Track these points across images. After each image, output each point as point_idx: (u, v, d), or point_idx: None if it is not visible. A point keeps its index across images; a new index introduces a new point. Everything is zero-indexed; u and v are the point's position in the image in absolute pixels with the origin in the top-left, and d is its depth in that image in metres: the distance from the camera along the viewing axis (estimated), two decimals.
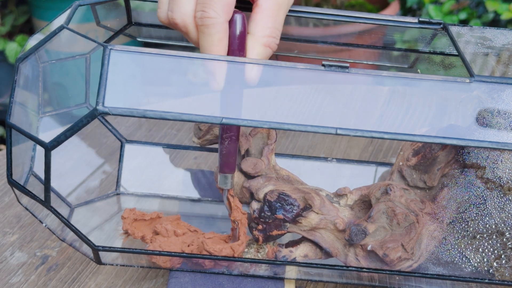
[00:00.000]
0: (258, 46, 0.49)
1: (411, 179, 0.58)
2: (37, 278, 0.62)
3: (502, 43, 0.57)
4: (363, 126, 0.47)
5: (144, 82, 0.49)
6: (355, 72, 0.48)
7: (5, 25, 1.83)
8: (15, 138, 0.52)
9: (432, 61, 0.63)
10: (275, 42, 0.50)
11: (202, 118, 0.47)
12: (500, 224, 0.55)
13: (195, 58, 0.48)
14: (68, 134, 0.47)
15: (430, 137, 0.47)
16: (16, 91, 0.53)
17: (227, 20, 0.49)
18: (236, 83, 0.49)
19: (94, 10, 0.59)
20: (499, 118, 0.49)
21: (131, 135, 0.83)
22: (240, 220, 0.57)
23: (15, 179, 0.53)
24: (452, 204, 0.56)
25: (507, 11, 1.50)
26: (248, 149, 0.59)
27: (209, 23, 0.48)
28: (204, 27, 0.48)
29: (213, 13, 0.47)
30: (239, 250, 0.56)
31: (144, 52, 0.47)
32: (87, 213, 0.67)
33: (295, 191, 0.56)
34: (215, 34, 0.48)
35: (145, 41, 0.67)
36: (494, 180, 0.54)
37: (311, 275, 0.59)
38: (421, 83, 0.49)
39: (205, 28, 0.48)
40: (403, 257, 0.54)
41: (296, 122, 0.47)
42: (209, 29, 0.48)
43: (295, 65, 0.48)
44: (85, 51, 0.63)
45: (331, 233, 0.56)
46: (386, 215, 0.54)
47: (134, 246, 0.62)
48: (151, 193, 0.71)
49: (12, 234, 0.67)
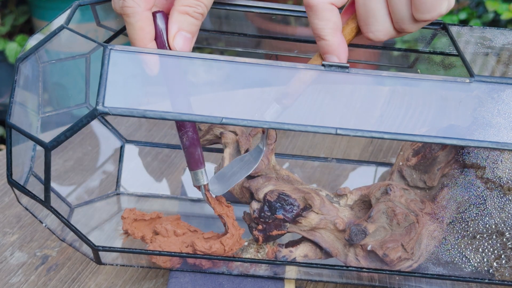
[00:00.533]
0: (176, 14, 0.50)
1: (411, 179, 0.58)
2: (37, 278, 0.62)
3: (502, 43, 0.57)
4: (363, 126, 0.47)
5: (144, 82, 0.49)
6: (355, 72, 0.48)
7: (5, 25, 1.83)
8: (15, 138, 0.52)
9: (432, 61, 0.63)
10: (195, 11, 0.50)
11: (202, 118, 0.47)
12: (500, 224, 0.54)
13: (195, 58, 0.49)
14: (68, 134, 0.47)
15: (430, 137, 0.47)
16: (16, 91, 0.53)
17: (148, 9, 0.50)
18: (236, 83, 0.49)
19: (94, 10, 0.59)
20: (499, 118, 0.49)
21: (131, 135, 0.83)
22: (226, 214, 0.56)
23: (15, 179, 0.53)
24: (452, 204, 0.56)
25: (507, 11, 1.50)
26: (248, 149, 0.59)
27: (128, 12, 0.49)
28: (125, 16, 0.49)
29: (132, 2, 0.49)
30: (229, 244, 0.56)
31: (144, 52, 0.48)
32: (87, 213, 0.67)
33: (295, 191, 0.56)
34: (135, 22, 0.49)
35: None
36: (494, 180, 0.54)
37: (311, 275, 0.59)
38: (421, 83, 0.49)
39: (126, 17, 0.49)
40: (403, 257, 0.54)
41: (296, 122, 0.47)
42: (129, 18, 0.49)
43: (295, 65, 0.48)
44: (85, 51, 0.63)
45: (331, 233, 0.56)
46: (386, 215, 0.54)
47: (134, 246, 0.62)
48: (151, 193, 0.71)
49: (12, 234, 0.67)
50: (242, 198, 0.59)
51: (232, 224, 0.56)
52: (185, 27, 0.50)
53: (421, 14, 0.49)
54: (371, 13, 0.50)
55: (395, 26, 0.51)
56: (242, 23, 0.66)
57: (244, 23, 0.67)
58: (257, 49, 0.68)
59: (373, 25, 0.50)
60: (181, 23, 0.50)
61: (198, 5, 0.50)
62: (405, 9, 0.49)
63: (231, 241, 0.56)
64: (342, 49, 0.50)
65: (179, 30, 0.50)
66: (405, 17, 0.50)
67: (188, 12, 0.50)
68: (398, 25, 0.50)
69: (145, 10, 0.49)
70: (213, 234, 0.58)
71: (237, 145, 0.59)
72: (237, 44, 0.67)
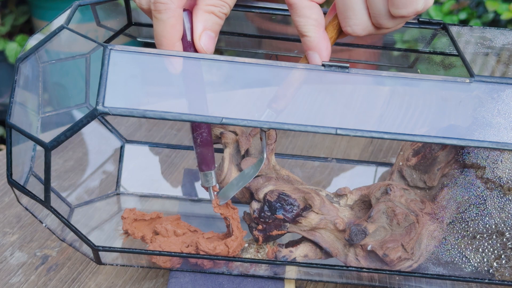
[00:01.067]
0: (201, 13, 0.50)
1: (411, 179, 0.58)
2: (37, 278, 0.62)
3: (502, 43, 0.57)
4: (363, 126, 0.47)
5: (144, 82, 0.49)
6: (355, 72, 0.48)
7: (5, 25, 1.83)
8: (15, 138, 0.52)
9: (432, 61, 0.63)
10: (220, 11, 0.50)
11: (202, 118, 0.47)
12: (500, 224, 0.55)
13: (195, 58, 0.49)
14: (68, 134, 0.47)
15: (430, 137, 0.47)
16: (16, 91, 0.53)
17: (180, 7, 0.49)
18: (236, 83, 0.49)
19: (94, 10, 0.59)
20: (499, 118, 0.49)
21: (131, 135, 0.83)
22: (231, 216, 0.57)
23: (15, 179, 0.53)
24: (452, 204, 0.56)
25: (507, 11, 1.50)
26: (248, 149, 0.59)
27: (161, 8, 0.49)
28: (157, 12, 0.49)
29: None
30: (233, 246, 0.56)
31: (144, 52, 0.48)
32: (87, 213, 0.67)
33: (295, 191, 0.56)
34: (167, 19, 0.49)
35: (145, 41, 0.67)
36: (494, 180, 0.54)
37: (311, 275, 0.59)
38: (421, 83, 0.49)
39: (157, 13, 0.49)
40: (403, 257, 0.54)
41: (296, 122, 0.47)
42: (161, 14, 0.49)
43: (295, 65, 0.48)
44: (85, 51, 0.63)
45: (331, 233, 0.56)
46: (386, 215, 0.54)
47: (134, 246, 0.62)
48: (151, 193, 0.71)
49: (12, 234, 0.67)
50: (242, 198, 0.59)
51: (237, 227, 0.57)
52: (209, 27, 0.50)
53: (397, 10, 0.49)
54: (349, 6, 0.50)
55: (373, 21, 0.51)
56: (242, 23, 0.66)
57: (244, 23, 0.67)
58: (257, 49, 0.68)
59: (351, 18, 0.50)
60: (206, 22, 0.50)
61: (223, 5, 0.50)
62: (381, 3, 0.49)
63: (235, 243, 0.56)
64: (324, 45, 0.50)
65: (204, 29, 0.50)
66: (382, 12, 0.50)
67: (214, 11, 0.50)
68: (375, 20, 0.50)
69: (178, 8, 0.49)
70: (213, 234, 0.58)
71: (237, 145, 0.59)
72: (237, 44, 0.67)
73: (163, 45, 0.49)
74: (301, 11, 0.50)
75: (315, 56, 0.51)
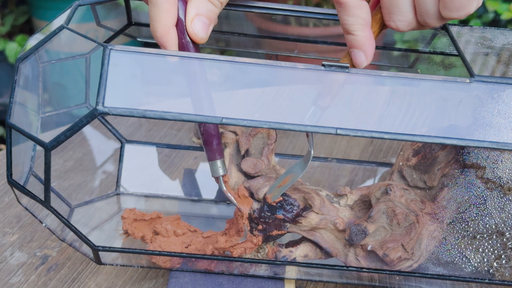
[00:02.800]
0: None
1: (411, 179, 0.58)
2: (37, 278, 0.62)
3: (502, 43, 0.57)
4: (363, 126, 0.47)
5: (144, 82, 0.49)
6: (355, 72, 0.48)
7: (5, 25, 1.83)
8: (15, 138, 0.52)
9: (432, 61, 0.63)
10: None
11: (202, 118, 0.47)
12: (500, 224, 0.54)
13: (195, 58, 0.49)
14: (68, 134, 0.47)
15: (430, 137, 0.47)
16: (16, 91, 0.53)
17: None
18: (236, 82, 0.49)
19: (94, 10, 0.59)
20: (499, 118, 0.49)
21: (131, 135, 0.83)
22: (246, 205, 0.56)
23: (15, 179, 0.53)
24: (452, 204, 0.56)
25: (507, 11, 1.50)
26: (248, 149, 0.59)
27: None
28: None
29: None
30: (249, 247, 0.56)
31: (144, 52, 0.47)
32: (87, 213, 0.67)
33: (295, 191, 0.56)
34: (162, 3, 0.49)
35: (145, 41, 0.67)
36: (494, 180, 0.54)
37: (311, 275, 0.59)
38: (421, 83, 0.49)
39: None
40: (403, 257, 0.54)
41: (296, 122, 0.47)
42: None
43: (295, 65, 0.48)
44: (85, 51, 0.63)
45: (331, 233, 0.56)
46: (386, 215, 0.54)
47: (134, 246, 0.62)
48: (151, 193, 0.71)
49: (12, 234, 0.67)
50: None
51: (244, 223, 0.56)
52: (203, 12, 0.50)
53: (450, 12, 0.49)
54: (396, 3, 0.50)
55: (419, 19, 0.50)
56: (242, 23, 0.66)
57: (244, 23, 0.67)
58: (257, 49, 0.68)
59: (396, 14, 0.50)
60: (199, 8, 0.50)
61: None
62: (432, 4, 0.49)
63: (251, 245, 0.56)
64: (370, 45, 0.51)
65: (197, 14, 0.50)
66: (431, 13, 0.49)
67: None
68: (422, 19, 0.50)
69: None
70: (212, 233, 0.58)
71: (237, 145, 0.59)
72: (237, 44, 0.67)
73: (157, 31, 0.49)
74: (351, 10, 0.49)
75: (360, 54, 0.51)
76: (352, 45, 0.51)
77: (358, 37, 0.50)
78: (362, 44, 0.50)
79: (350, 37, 0.51)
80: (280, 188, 0.55)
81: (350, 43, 0.51)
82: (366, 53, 0.51)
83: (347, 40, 0.51)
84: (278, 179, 0.56)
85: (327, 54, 0.74)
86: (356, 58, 0.51)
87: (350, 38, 0.51)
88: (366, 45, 0.50)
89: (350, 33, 0.50)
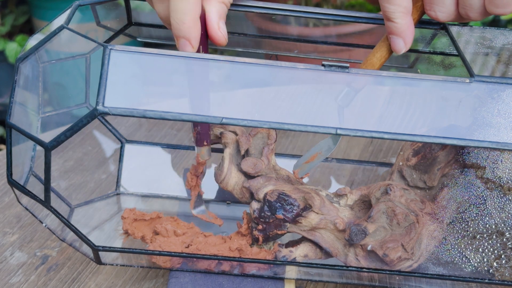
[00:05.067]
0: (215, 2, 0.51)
1: (411, 179, 0.58)
2: (37, 278, 0.62)
3: (502, 43, 0.57)
4: (363, 126, 0.47)
5: (144, 82, 0.49)
6: (355, 72, 0.48)
7: (5, 25, 1.83)
8: (15, 138, 0.52)
9: (432, 61, 0.63)
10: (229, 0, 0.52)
11: (202, 118, 0.47)
12: (500, 224, 0.55)
13: (195, 58, 0.49)
14: (68, 134, 0.47)
15: (430, 137, 0.47)
16: (16, 91, 0.53)
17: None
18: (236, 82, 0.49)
19: (94, 10, 0.59)
20: (499, 118, 0.49)
21: (131, 135, 0.83)
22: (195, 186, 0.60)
23: (15, 179, 0.53)
24: (452, 204, 0.56)
25: None
26: (248, 149, 0.59)
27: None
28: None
29: None
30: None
31: (144, 52, 0.48)
32: (87, 213, 0.67)
33: (295, 191, 0.56)
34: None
35: (145, 41, 0.67)
36: (494, 180, 0.54)
37: (311, 275, 0.59)
38: (421, 83, 0.49)
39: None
40: (403, 257, 0.54)
41: (296, 122, 0.47)
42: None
43: (295, 65, 0.48)
44: (85, 51, 0.63)
45: (331, 233, 0.56)
46: (386, 215, 0.54)
47: (134, 246, 0.62)
48: (151, 193, 0.71)
49: (12, 234, 0.67)
50: (242, 198, 0.59)
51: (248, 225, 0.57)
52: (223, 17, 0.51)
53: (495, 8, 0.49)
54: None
55: (460, 11, 0.51)
56: (242, 23, 0.66)
57: (244, 23, 0.67)
58: (257, 49, 0.68)
59: (437, 5, 0.51)
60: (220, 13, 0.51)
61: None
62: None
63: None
64: (410, 32, 0.51)
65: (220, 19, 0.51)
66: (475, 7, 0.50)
67: (224, 1, 0.51)
68: (464, 12, 0.50)
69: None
70: (211, 234, 0.58)
71: (237, 145, 0.59)
72: (237, 44, 0.67)
73: (185, 22, 0.49)
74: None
75: (399, 41, 0.51)
76: (391, 31, 0.51)
77: (398, 25, 0.50)
78: (402, 32, 0.51)
79: (390, 24, 0.51)
80: (308, 164, 0.55)
81: (390, 29, 0.51)
82: (406, 40, 0.51)
83: (387, 26, 0.51)
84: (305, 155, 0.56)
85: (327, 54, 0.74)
86: (395, 45, 0.51)
87: (390, 25, 0.51)
88: (406, 32, 0.51)
89: (391, 20, 0.51)
